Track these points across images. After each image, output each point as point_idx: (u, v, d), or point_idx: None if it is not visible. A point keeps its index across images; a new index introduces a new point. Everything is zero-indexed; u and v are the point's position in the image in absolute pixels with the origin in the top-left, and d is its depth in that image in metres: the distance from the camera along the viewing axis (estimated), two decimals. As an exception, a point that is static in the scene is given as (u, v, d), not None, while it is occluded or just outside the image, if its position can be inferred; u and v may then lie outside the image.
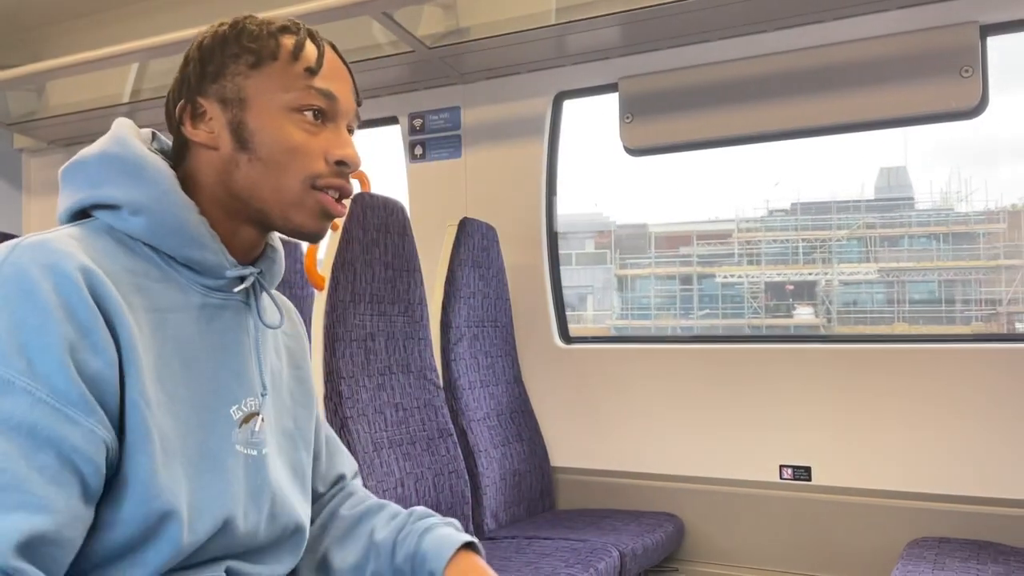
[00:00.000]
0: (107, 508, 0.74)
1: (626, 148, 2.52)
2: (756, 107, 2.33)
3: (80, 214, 0.83)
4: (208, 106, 0.85)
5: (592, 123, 2.94)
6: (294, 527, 0.92)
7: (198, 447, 0.80)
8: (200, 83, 0.85)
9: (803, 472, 2.26)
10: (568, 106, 2.69)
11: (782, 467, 2.28)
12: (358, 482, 1.12)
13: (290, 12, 2.16)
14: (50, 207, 3.48)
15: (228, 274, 0.85)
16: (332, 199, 0.86)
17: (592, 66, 2.54)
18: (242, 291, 0.89)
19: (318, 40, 0.88)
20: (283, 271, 0.97)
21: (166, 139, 0.92)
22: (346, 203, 0.90)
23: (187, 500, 0.77)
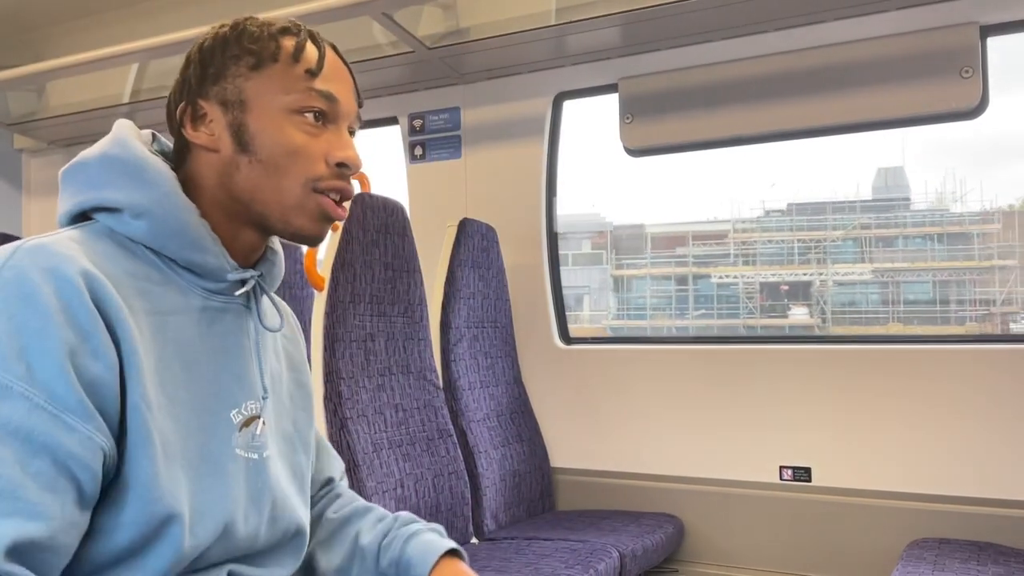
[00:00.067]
0: (108, 512, 0.73)
1: (626, 149, 2.51)
2: (756, 107, 2.32)
3: (80, 216, 0.82)
4: (209, 108, 0.84)
5: (588, 124, 2.94)
6: (295, 530, 0.92)
7: (199, 450, 0.79)
8: (201, 85, 0.85)
9: (803, 473, 2.25)
10: (564, 107, 2.68)
11: (782, 468, 2.28)
12: (345, 483, 1.12)
13: (290, 12, 2.15)
14: (50, 208, 3.47)
15: (229, 277, 0.85)
16: (333, 202, 0.85)
17: (592, 66, 2.54)
18: (243, 294, 0.88)
19: (319, 41, 0.87)
20: (283, 274, 0.97)
21: (166, 141, 0.91)
22: (347, 206, 0.89)
23: (188, 504, 0.76)
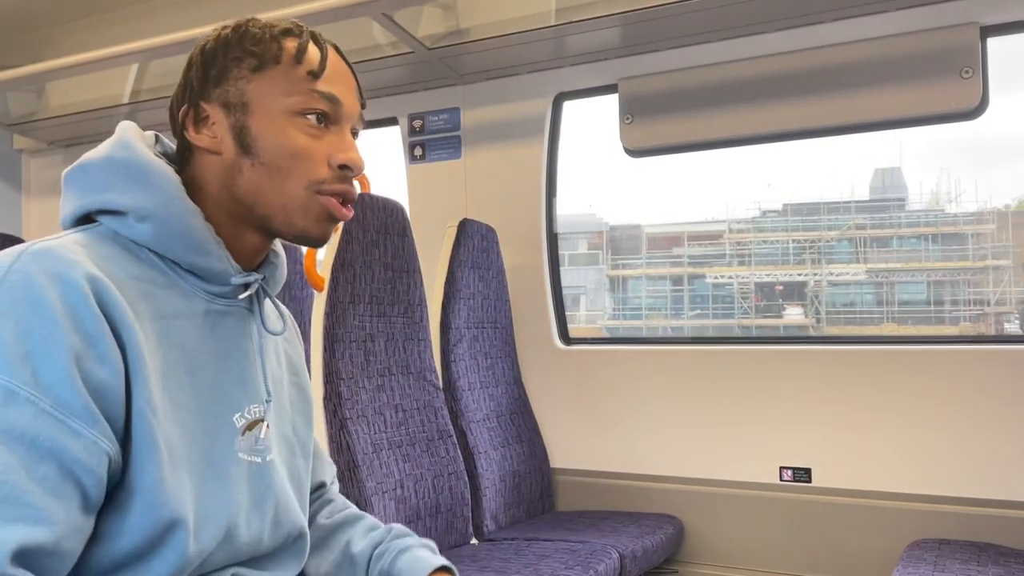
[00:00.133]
0: (113, 517, 0.73)
1: (626, 149, 2.50)
2: (756, 108, 2.31)
3: (84, 218, 0.82)
4: (211, 110, 0.84)
5: (584, 125, 2.93)
6: (297, 533, 0.92)
7: (202, 455, 0.79)
8: (203, 87, 0.84)
9: (803, 474, 2.24)
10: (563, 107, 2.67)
11: (782, 469, 2.27)
12: (336, 488, 1.12)
13: (290, 13, 2.15)
14: (50, 208, 3.46)
15: (233, 281, 0.84)
16: (336, 203, 0.85)
17: (592, 67, 2.53)
18: (246, 297, 0.87)
19: (321, 43, 0.86)
20: (285, 276, 0.95)
21: (169, 142, 0.91)
22: (351, 207, 0.88)
23: (193, 509, 0.76)
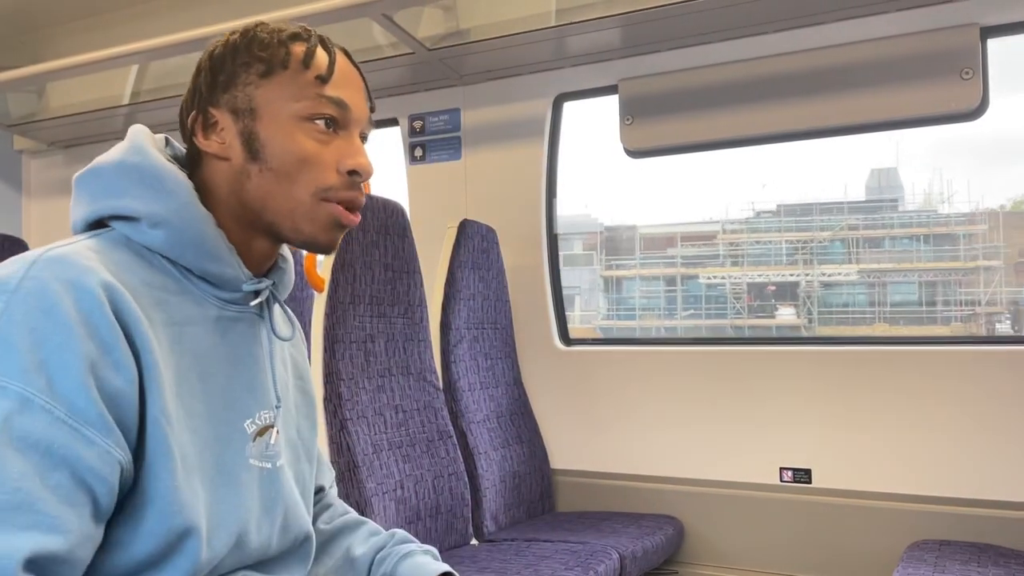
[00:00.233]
0: (127, 525, 0.72)
1: (626, 150, 2.48)
2: (757, 109, 2.29)
3: (96, 223, 0.81)
4: (220, 116, 0.83)
5: (579, 126, 2.92)
6: (304, 537, 0.91)
7: (214, 462, 0.79)
8: (211, 93, 0.83)
9: (803, 474, 2.23)
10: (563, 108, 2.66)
11: (782, 469, 2.25)
12: (334, 492, 1.11)
13: (289, 14, 2.14)
14: (50, 209, 3.44)
15: (244, 288, 0.84)
16: (343, 210, 0.84)
17: (592, 68, 2.51)
18: (257, 304, 0.87)
19: (330, 47, 0.85)
20: (293, 281, 0.94)
21: (179, 144, 0.90)
22: (358, 212, 0.86)
23: (205, 516, 0.76)
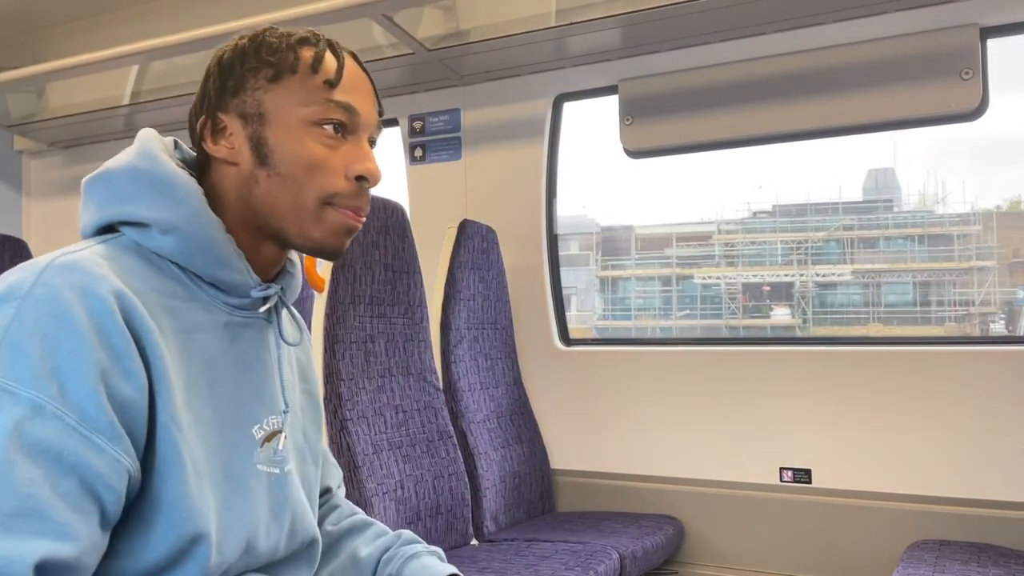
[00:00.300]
0: (137, 531, 0.72)
1: (626, 150, 2.48)
2: (756, 109, 2.29)
3: (105, 227, 0.81)
4: (228, 121, 0.82)
5: (575, 127, 2.91)
6: (310, 540, 0.91)
7: (223, 468, 0.79)
8: (220, 98, 0.83)
9: (803, 475, 2.22)
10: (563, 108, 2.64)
11: (782, 469, 2.25)
12: (342, 492, 1.10)
13: (290, 15, 2.13)
14: (50, 209, 3.43)
15: (253, 294, 0.83)
16: (351, 215, 0.83)
17: (592, 68, 2.50)
18: (265, 309, 0.86)
19: (338, 51, 0.84)
20: (301, 285, 0.93)
21: (187, 147, 0.89)
22: (364, 218, 0.85)
23: (215, 522, 0.76)
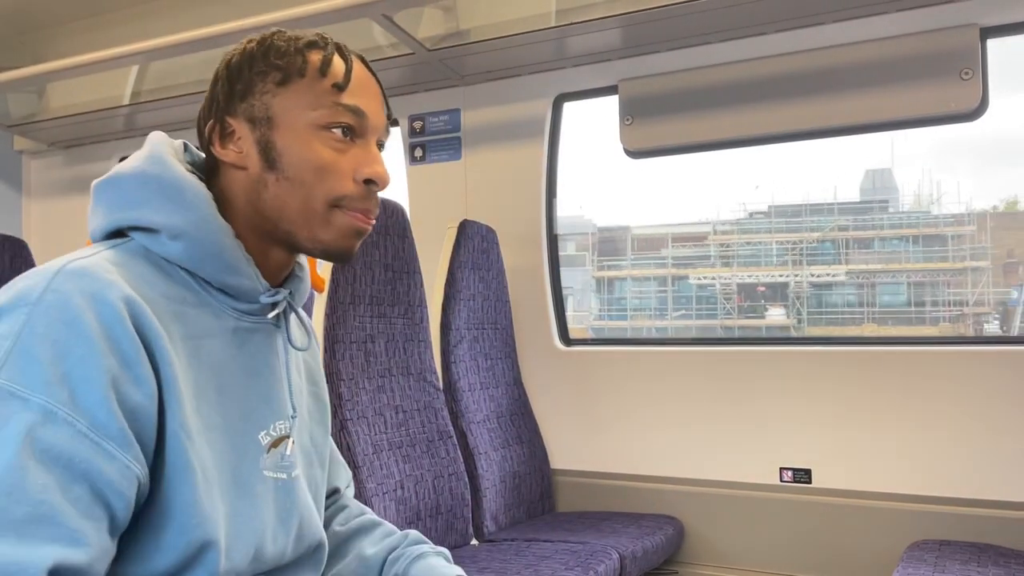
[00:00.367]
0: (147, 537, 0.72)
1: (626, 151, 2.46)
2: (756, 109, 2.28)
3: (114, 231, 0.81)
4: (237, 125, 0.82)
5: (572, 127, 2.91)
6: (317, 544, 0.91)
7: (231, 474, 0.78)
8: (228, 102, 0.82)
9: (803, 475, 2.22)
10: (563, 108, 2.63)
11: (782, 469, 2.24)
12: (350, 492, 1.10)
13: (290, 15, 2.13)
14: (50, 209, 3.42)
15: (262, 300, 0.83)
16: (360, 217, 0.83)
17: (592, 68, 2.49)
18: (274, 315, 0.86)
19: (346, 55, 0.84)
20: (309, 289, 0.92)
21: (196, 149, 0.89)
22: (373, 220, 0.84)
23: (224, 528, 0.75)
